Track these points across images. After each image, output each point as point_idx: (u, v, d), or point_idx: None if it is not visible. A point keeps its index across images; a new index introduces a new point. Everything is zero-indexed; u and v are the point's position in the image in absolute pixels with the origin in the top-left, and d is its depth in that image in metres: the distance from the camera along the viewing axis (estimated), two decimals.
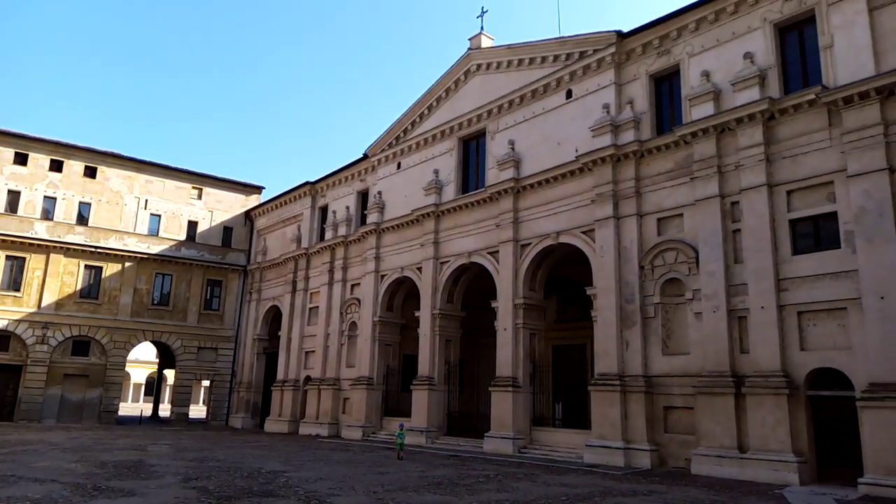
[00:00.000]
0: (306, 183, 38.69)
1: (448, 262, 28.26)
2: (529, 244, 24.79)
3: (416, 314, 29.16)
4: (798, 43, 19.00)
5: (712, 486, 15.50)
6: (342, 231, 35.03)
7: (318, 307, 35.97)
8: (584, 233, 22.88)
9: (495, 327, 25.44)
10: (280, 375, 37.65)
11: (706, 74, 20.16)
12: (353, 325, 33.15)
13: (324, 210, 38.14)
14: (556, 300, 30.82)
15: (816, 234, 17.37)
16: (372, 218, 32.54)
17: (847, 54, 16.99)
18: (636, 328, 20.61)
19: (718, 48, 20.26)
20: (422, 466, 19.05)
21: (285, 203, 41.15)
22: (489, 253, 26.36)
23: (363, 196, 35.24)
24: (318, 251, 36.45)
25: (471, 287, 29.20)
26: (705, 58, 20.56)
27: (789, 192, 17.86)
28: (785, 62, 19.11)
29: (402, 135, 32.23)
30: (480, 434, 25.03)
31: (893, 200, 15.61)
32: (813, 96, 17.32)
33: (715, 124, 19.24)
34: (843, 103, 16.59)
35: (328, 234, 36.09)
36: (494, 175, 26.60)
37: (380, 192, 32.80)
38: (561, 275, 27.34)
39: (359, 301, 32.86)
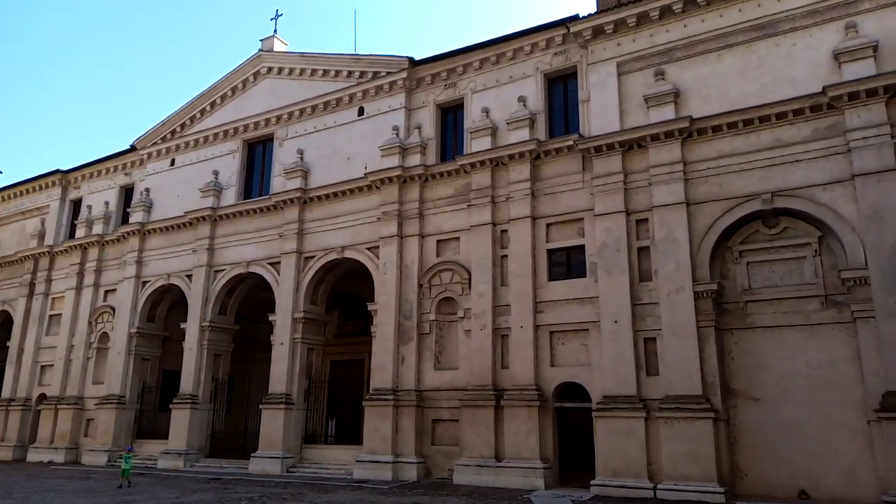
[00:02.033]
0: (57, 171, 33.57)
1: (223, 270, 26.52)
2: (314, 257, 24.34)
3: (183, 326, 26.81)
4: (563, 93, 21.49)
5: (471, 495, 16.50)
6: (98, 229, 30.99)
7: (61, 315, 31.24)
8: (368, 249, 23.11)
9: (272, 341, 24.42)
10: (6, 393, 31.87)
11: (486, 111, 21.80)
12: (105, 336, 29.40)
13: (77, 204, 33.43)
14: (338, 315, 30.60)
15: (568, 263, 19.66)
16: (136, 217, 29.33)
17: (600, 109, 19.63)
18: (412, 344, 21.30)
19: (498, 88, 22.07)
20: (176, 492, 17.42)
21: (27, 192, 35.20)
22: (270, 263, 25.32)
23: (127, 192, 31.64)
24: (67, 250, 31.78)
25: (247, 299, 27.73)
26: (486, 95, 22.24)
27: (549, 225, 20.00)
28: (552, 108, 21.47)
29: (178, 129, 29.67)
30: (248, 455, 23.68)
31: (628, 239, 18.30)
32: (571, 142, 19.68)
33: (491, 157, 20.86)
34: (594, 151, 19.11)
35: (80, 232, 31.66)
36: (281, 183, 25.72)
37: (147, 190, 29.73)
38: (344, 289, 27.27)
39: (113, 310, 29.27)
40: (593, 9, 20.64)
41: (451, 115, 23.54)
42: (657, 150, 18.21)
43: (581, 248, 19.33)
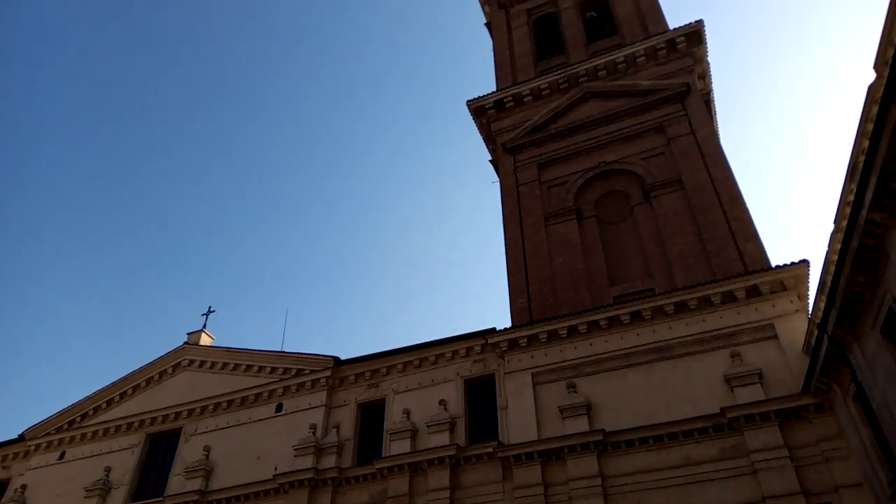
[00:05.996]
0: None
1: None
2: None
3: None
4: (483, 398, 21.94)
5: None
6: None
7: None
8: None
9: None
10: None
11: (407, 412, 21.75)
12: None
13: None
14: None
15: None
16: None
17: (517, 417, 19.93)
18: None
19: (419, 391, 22.42)
20: None
21: None
22: None
23: (1, 488, 27.87)
24: None
25: None
26: (408, 397, 22.44)
27: None
28: (472, 412, 21.66)
29: (78, 420, 27.60)
30: None
31: None
32: (491, 449, 19.47)
33: (410, 462, 20.17)
34: (514, 460, 18.86)
35: None
36: (179, 483, 23.48)
37: (24, 487, 26.28)
38: None
39: None
40: (509, 323, 22.40)
41: (371, 414, 23.26)
42: (575, 463, 18.17)
43: None
